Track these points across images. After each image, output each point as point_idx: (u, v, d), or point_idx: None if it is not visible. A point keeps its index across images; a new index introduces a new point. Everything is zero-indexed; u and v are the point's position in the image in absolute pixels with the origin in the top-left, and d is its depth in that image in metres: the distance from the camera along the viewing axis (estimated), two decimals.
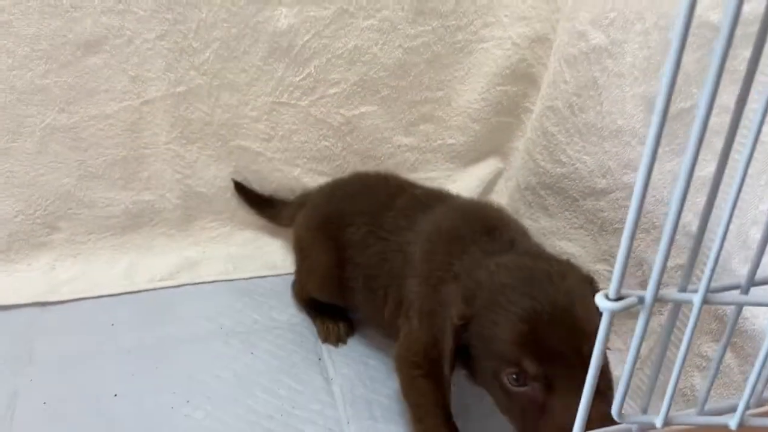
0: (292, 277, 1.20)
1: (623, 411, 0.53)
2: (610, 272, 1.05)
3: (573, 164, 1.11)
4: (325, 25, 1.21)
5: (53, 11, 1.08)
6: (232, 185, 1.29)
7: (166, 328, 1.12)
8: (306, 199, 1.23)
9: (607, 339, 0.49)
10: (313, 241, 1.11)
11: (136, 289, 1.20)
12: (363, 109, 1.30)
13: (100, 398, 0.98)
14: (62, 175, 1.20)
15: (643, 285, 1.00)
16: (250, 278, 1.25)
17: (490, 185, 1.42)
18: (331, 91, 1.27)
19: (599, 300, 0.47)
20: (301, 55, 1.23)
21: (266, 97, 1.25)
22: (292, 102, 1.27)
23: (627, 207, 1.01)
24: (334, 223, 1.07)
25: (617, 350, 1.02)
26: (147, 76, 1.17)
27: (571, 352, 0.68)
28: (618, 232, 1.04)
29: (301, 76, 1.25)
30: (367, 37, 1.24)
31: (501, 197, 1.38)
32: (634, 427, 0.55)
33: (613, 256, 1.04)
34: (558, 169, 1.14)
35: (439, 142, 1.37)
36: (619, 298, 0.47)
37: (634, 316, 0.49)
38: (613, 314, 0.48)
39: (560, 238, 1.16)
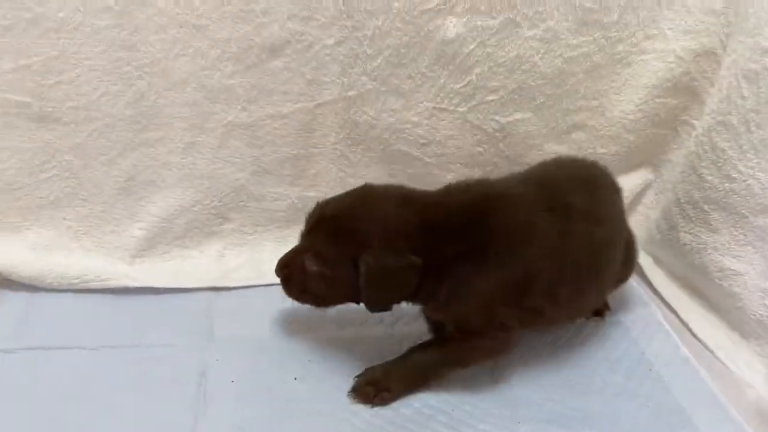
0: None
1: None
2: None
3: (745, 180, 1.10)
4: (491, 34, 1.24)
5: (245, 17, 1.16)
6: None
7: (334, 318, 1.17)
8: None
9: None
10: None
11: None
12: (518, 116, 1.33)
13: (282, 380, 1.05)
14: (237, 170, 1.28)
15: None
16: None
17: (638, 196, 1.42)
18: (489, 98, 1.30)
19: None
20: (464, 63, 1.26)
21: (428, 103, 1.29)
22: (451, 108, 1.30)
23: None
24: None
25: None
26: (322, 80, 1.23)
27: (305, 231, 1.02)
28: None
29: (462, 83, 1.28)
30: (529, 46, 1.26)
31: (652, 210, 1.39)
32: None
33: None
34: (726, 185, 1.13)
35: (590, 151, 1.38)
36: None
37: None
38: None
39: (723, 254, 1.15)
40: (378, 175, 1.33)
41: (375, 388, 1.01)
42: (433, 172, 1.35)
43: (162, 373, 1.06)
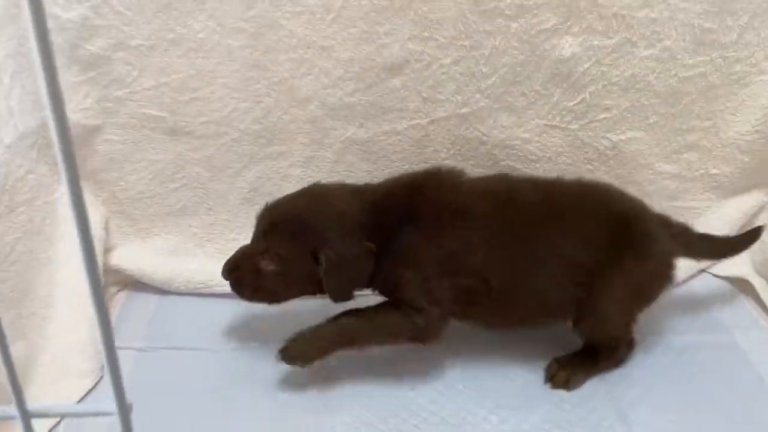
0: None
1: None
2: None
3: None
4: (606, 54, 1.25)
5: (368, 38, 1.20)
6: None
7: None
8: None
9: None
10: None
11: None
12: (630, 135, 1.33)
13: (400, 389, 1.09)
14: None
15: None
16: None
17: (752, 218, 1.39)
18: (602, 116, 1.31)
19: None
20: (578, 81, 1.27)
21: (539, 120, 1.31)
22: (563, 125, 1.32)
23: None
24: None
25: None
26: (437, 98, 1.27)
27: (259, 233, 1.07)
28: None
29: (575, 101, 1.30)
30: (644, 65, 1.26)
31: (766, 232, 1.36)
32: None
33: None
34: None
35: (702, 171, 1.36)
36: None
37: None
38: None
39: None
40: None
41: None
42: None
43: (284, 377, 1.11)
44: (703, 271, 1.37)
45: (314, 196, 1.08)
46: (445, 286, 1.02)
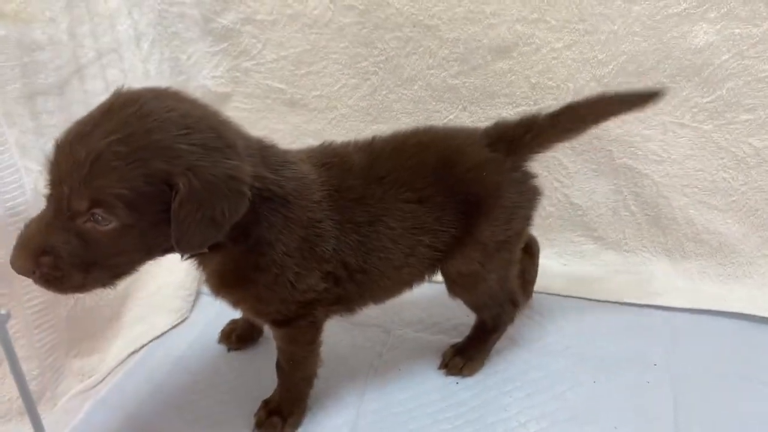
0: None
1: None
2: None
3: None
4: (751, 45, 1.09)
5: (474, 18, 1.17)
6: (609, 202, 1.26)
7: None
8: None
9: None
10: None
11: None
12: None
13: (446, 384, 1.06)
14: None
15: None
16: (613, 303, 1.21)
17: None
18: (744, 117, 1.14)
19: None
20: (714, 75, 1.12)
21: (665, 116, 1.17)
22: (693, 125, 1.17)
23: None
24: None
25: None
26: (547, 84, 1.19)
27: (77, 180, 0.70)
28: None
29: (710, 98, 1.14)
30: None
31: None
32: None
33: None
34: None
35: None
36: None
37: None
38: None
39: None
40: (599, 189, 1.26)
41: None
42: (665, 194, 1.22)
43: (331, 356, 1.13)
44: None
45: (142, 105, 0.71)
46: (314, 281, 0.87)
